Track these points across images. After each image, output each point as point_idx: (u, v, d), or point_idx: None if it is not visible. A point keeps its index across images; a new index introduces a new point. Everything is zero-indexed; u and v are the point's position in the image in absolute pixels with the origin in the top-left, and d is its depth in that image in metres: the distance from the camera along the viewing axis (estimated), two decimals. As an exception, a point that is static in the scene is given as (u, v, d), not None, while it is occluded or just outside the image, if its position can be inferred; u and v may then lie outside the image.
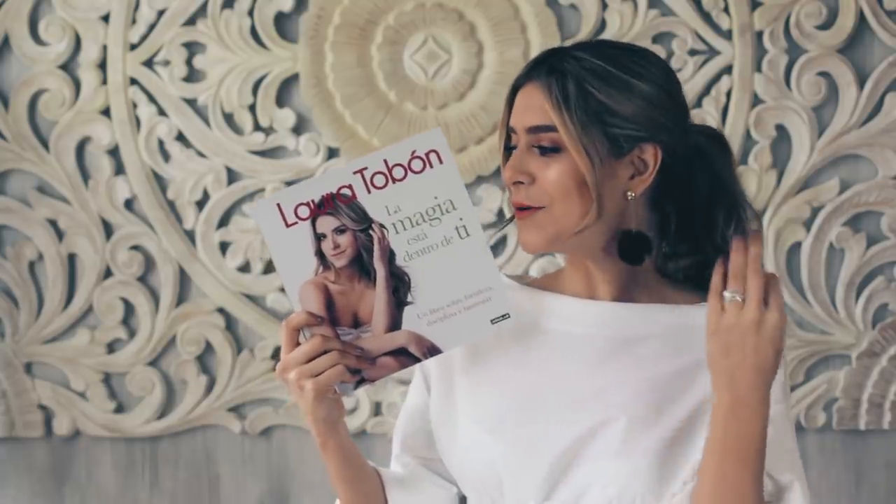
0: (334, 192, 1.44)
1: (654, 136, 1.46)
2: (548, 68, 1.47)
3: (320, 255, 1.44)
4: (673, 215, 1.51)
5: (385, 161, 1.44)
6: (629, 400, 1.46)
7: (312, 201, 1.44)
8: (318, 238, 1.44)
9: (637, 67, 1.47)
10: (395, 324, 1.46)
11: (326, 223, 1.44)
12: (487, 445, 1.50)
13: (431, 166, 1.45)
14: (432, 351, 1.46)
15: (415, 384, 1.62)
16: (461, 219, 1.45)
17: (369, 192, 1.44)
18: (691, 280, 1.55)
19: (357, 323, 1.45)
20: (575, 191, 1.45)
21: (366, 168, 1.44)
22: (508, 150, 1.51)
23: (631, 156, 1.46)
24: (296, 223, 1.44)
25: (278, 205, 1.43)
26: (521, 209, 1.47)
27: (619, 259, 1.49)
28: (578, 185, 1.45)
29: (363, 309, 1.45)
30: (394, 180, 1.44)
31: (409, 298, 1.46)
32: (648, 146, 1.46)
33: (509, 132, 1.51)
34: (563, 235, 1.47)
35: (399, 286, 1.45)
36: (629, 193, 1.47)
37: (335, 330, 1.45)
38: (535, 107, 1.46)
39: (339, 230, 1.44)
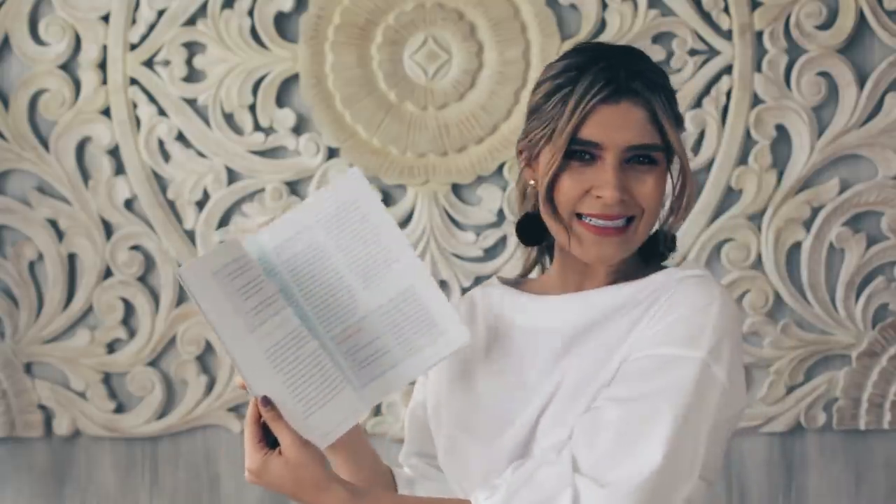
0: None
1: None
2: (643, 86, 1.47)
3: None
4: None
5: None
6: (566, 378, 1.48)
7: None
8: None
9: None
10: None
11: None
12: (462, 442, 1.53)
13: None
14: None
15: (419, 380, 1.63)
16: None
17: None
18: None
19: None
20: (660, 202, 1.50)
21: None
22: (570, 159, 1.49)
23: None
24: None
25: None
26: (604, 223, 1.48)
27: (643, 256, 1.55)
28: (662, 196, 1.50)
29: None
30: None
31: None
32: None
33: (581, 144, 1.48)
34: (638, 245, 1.51)
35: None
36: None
37: None
38: (637, 125, 1.47)
39: None
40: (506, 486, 1.41)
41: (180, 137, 2.59)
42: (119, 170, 2.60)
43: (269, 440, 1.42)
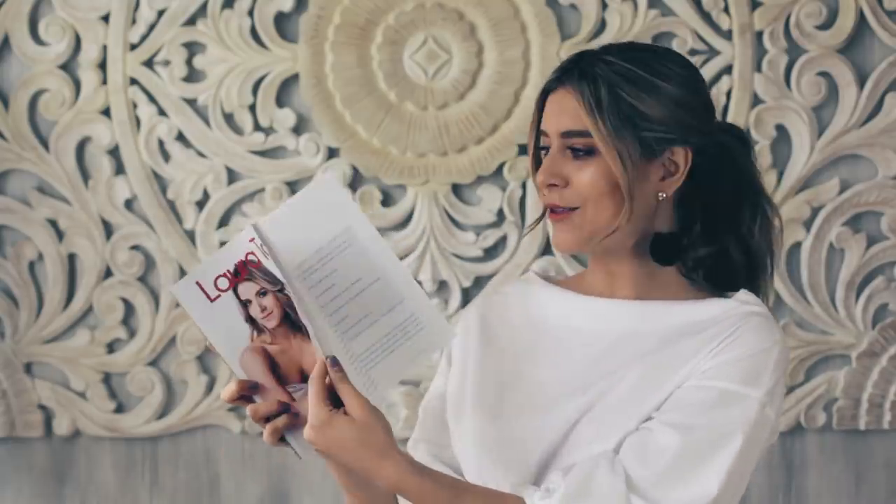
0: (244, 258, 1.44)
1: (683, 138, 1.50)
2: (579, 73, 1.49)
3: (251, 320, 1.44)
4: (699, 212, 1.54)
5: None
6: (612, 389, 1.49)
7: (228, 271, 1.44)
8: (244, 305, 1.44)
9: (664, 69, 1.50)
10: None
11: (247, 289, 1.44)
12: (488, 433, 1.53)
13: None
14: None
15: (440, 366, 1.65)
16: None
17: (266, 257, 1.44)
18: (708, 276, 1.57)
19: (305, 377, 1.45)
20: (608, 193, 1.48)
21: (253, 238, 1.45)
22: (539, 150, 1.54)
23: (662, 158, 1.50)
24: (219, 296, 1.43)
25: (198, 282, 1.43)
26: (553, 211, 1.51)
27: (649, 259, 1.53)
28: (611, 187, 1.48)
29: (307, 361, 1.45)
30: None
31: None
32: (679, 148, 1.50)
33: (539, 134, 1.53)
34: (595, 236, 1.50)
35: None
36: (660, 194, 1.51)
37: (285, 390, 1.45)
38: (568, 111, 1.49)
39: (261, 293, 1.44)
40: (561, 491, 1.42)
41: (180, 137, 2.59)
42: (119, 170, 2.60)
43: (332, 402, 1.40)
